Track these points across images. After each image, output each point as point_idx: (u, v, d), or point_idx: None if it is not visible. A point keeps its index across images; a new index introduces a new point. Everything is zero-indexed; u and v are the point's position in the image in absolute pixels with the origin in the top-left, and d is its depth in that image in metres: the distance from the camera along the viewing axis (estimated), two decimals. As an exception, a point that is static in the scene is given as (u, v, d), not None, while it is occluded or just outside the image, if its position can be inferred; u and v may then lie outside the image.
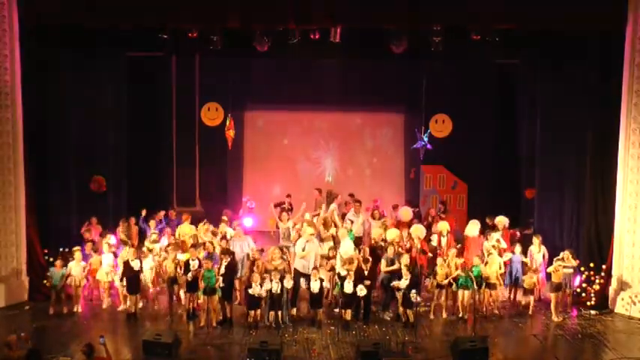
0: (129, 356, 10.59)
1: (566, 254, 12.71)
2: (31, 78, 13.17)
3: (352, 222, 14.24)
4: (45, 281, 12.82)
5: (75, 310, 12.36)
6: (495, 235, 13.57)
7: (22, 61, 12.88)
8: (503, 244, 13.43)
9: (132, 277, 12.13)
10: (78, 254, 12.58)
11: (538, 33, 13.71)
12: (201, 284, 11.75)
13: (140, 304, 12.48)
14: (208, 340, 11.27)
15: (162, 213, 15.00)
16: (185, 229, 13.97)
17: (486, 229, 13.97)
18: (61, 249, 13.55)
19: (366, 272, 12.08)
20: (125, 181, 15.91)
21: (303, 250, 12.36)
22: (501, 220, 14.03)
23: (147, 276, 12.58)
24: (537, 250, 13.15)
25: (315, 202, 16.20)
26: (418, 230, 13.45)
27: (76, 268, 12.46)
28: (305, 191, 18.13)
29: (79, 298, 12.50)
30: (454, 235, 14.25)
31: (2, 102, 12.65)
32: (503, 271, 12.84)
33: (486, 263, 12.51)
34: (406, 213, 14.47)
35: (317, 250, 12.62)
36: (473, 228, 13.87)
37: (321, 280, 11.82)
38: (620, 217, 12.78)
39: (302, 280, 12.09)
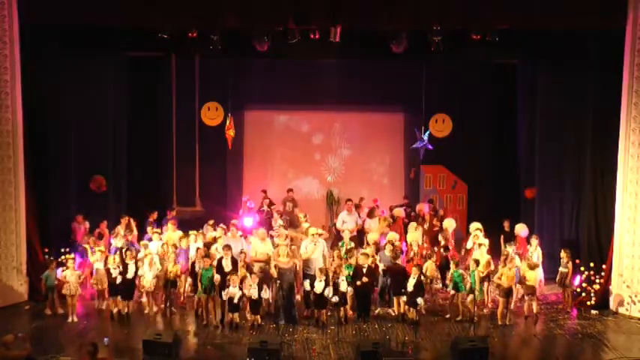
0: (129, 356, 10.58)
1: (562, 254, 12.83)
2: (31, 78, 13.17)
3: (344, 222, 14.33)
4: (41, 284, 12.55)
5: (70, 320, 12.02)
6: (476, 232, 13.49)
7: (22, 61, 12.88)
8: (482, 240, 13.23)
9: (126, 282, 12.02)
10: (71, 263, 12.35)
11: (538, 33, 13.72)
12: (200, 284, 11.77)
13: (155, 309, 12.49)
14: (208, 340, 11.27)
15: (156, 214, 14.97)
16: (171, 236, 13.56)
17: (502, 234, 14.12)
18: (62, 249, 13.56)
19: (364, 269, 12.11)
20: (125, 181, 15.95)
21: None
22: (517, 228, 13.99)
23: (147, 277, 12.39)
24: (533, 250, 13.12)
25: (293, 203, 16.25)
26: (415, 236, 13.48)
27: (70, 276, 12.11)
28: (305, 191, 18.21)
29: (74, 307, 12.13)
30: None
31: (2, 102, 12.64)
32: (490, 269, 12.77)
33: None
34: (450, 223, 14.32)
35: (323, 251, 12.62)
36: (476, 225, 13.91)
37: (326, 281, 11.78)
38: (620, 217, 12.78)
39: (306, 282, 12.07)
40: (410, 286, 11.77)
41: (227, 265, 11.89)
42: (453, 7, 12.77)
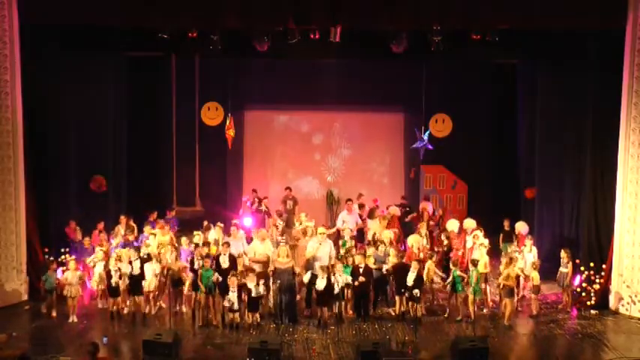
0: (129, 356, 10.59)
1: (562, 253, 12.83)
2: (31, 78, 13.17)
3: (344, 222, 14.34)
4: (40, 284, 12.50)
5: (70, 320, 11.98)
6: (477, 232, 13.51)
7: (22, 60, 12.88)
8: (482, 240, 13.21)
9: (133, 278, 12.03)
10: (72, 264, 12.28)
11: (538, 33, 13.73)
12: (201, 284, 11.77)
13: (155, 308, 12.46)
14: (208, 340, 11.27)
15: (155, 214, 14.94)
16: (160, 239, 13.50)
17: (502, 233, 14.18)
18: (62, 249, 13.55)
19: (361, 269, 12.13)
20: (125, 181, 15.96)
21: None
22: (518, 226, 13.98)
23: (151, 280, 12.30)
24: (528, 250, 13.09)
25: (293, 201, 16.27)
26: (414, 238, 13.51)
27: (72, 278, 12.04)
28: (305, 191, 18.21)
29: (75, 308, 12.10)
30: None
31: (2, 102, 12.64)
32: (489, 269, 12.79)
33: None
34: (470, 223, 14.10)
35: (330, 251, 12.64)
36: (470, 223, 13.92)
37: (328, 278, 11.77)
38: (620, 217, 12.77)
39: (307, 275, 12.10)
40: (410, 281, 11.78)
41: (224, 262, 11.91)
42: (453, 7, 12.77)
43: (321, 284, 11.72)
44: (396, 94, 17.80)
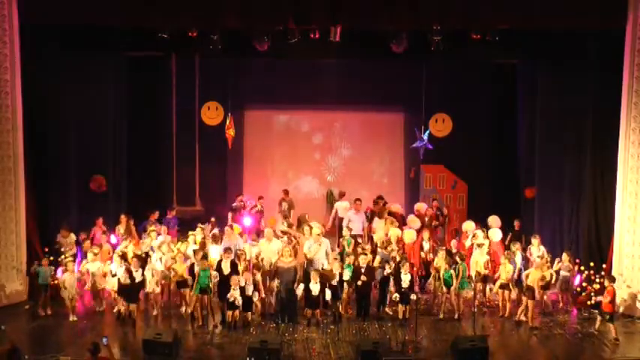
0: (129, 356, 10.59)
1: (564, 257, 12.78)
2: (31, 78, 13.18)
3: (350, 221, 14.34)
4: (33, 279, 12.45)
5: (70, 319, 11.97)
6: (476, 232, 13.50)
7: (22, 61, 12.88)
8: (481, 240, 13.20)
9: (131, 286, 11.87)
10: (70, 265, 12.26)
11: (538, 33, 13.75)
12: (195, 285, 11.78)
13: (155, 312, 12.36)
14: (208, 340, 11.28)
15: (157, 213, 14.95)
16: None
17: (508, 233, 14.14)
18: (62, 249, 13.56)
19: (362, 269, 12.12)
20: (125, 181, 15.96)
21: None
22: (491, 233, 13.90)
23: (150, 281, 12.20)
24: (535, 249, 13.11)
25: (289, 203, 16.27)
26: (409, 235, 13.53)
27: (69, 279, 12.03)
28: (305, 191, 18.21)
29: (74, 309, 12.10)
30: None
31: (2, 102, 12.65)
32: (488, 269, 12.79)
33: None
34: (469, 225, 14.07)
35: (326, 249, 12.69)
36: (470, 224, 13.92)
37: (322, 284, 11.79)
38: (620, 217, 12.78)
39: (300, 288, 12.09)
40: (406, 282, 11.79)
41: (226, 268, 11.90)
42: (453, 7, 12.79)
43: (315, 289, 11.74)
44: (396, 94, 17.77)
